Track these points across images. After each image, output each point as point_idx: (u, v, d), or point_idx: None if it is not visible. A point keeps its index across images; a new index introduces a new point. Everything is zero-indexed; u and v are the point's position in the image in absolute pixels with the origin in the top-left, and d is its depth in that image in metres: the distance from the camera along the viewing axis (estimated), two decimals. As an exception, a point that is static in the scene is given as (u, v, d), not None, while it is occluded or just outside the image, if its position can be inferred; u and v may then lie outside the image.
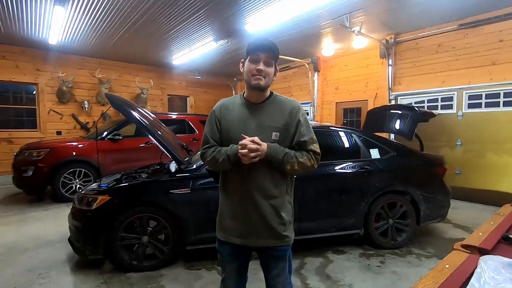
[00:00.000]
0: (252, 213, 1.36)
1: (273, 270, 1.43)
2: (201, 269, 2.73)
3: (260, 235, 1.37)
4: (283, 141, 1.36)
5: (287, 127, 1.37)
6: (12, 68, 6.69)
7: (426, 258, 2.93)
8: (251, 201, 1.35)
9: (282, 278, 1.43)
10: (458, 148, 5.31)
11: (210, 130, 1.44)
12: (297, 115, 1.39)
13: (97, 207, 2.60)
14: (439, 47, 5.51)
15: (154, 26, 5.46)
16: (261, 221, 1.36)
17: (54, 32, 5.68)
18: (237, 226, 1.39)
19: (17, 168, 4.96)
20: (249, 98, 1.42)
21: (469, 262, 1.10)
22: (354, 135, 3.36)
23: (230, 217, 1.41)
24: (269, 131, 1.35)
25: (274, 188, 1.38)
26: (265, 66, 1.33)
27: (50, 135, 7.14)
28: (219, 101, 1.49)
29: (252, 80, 1.33)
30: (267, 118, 1.37)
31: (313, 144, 1.39)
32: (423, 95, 5.81)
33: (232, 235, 1.40)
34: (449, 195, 3.42)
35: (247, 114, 1.39)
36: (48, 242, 3.36)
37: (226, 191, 1.44)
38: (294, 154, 1.34)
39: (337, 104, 7.54)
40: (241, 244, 1.39)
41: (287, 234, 1.41)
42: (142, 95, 8.28)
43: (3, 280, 2.55)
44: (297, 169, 1.34)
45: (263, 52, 1.33)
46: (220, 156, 1.35)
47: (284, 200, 1.41)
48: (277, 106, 1.41)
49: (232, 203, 1.41)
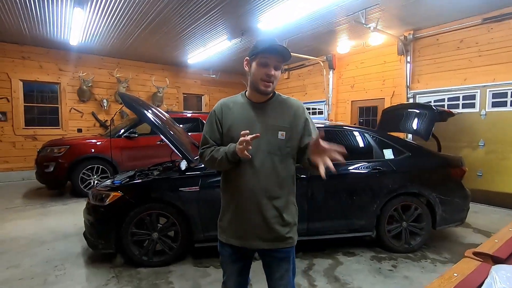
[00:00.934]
0: (254, 214, 1.32)
1: (276, 272, 1.39)
2: (209, 267, 2.75)
3: (262, 237, 1.33)
4: (289, 140, 1.34)
5: (293, 127, 1.35)
6: (36, 68, 7.01)
7: (441, 264, 2.81)
8: (254, 202, 1.32)
9: (285, 280, 1.39)
10: (480, 149, 5.05)
11: (210, 130, 1.41)
12: (304, 114, 1.39)
13: (110, 203, 2.67)
14: (461, 43, 5.26)
15: (169, 25, 5.55)
16: (263, 222, 1.32)
17: (75, 33, 5.90)
18: (238, 228, 1.36)
19: (39, 163, 5.20)
20: (252, 98, 1.39)
21: (480, 271, 1.03)
22: (367, 134, 3.26)
23: (231, 218, 1.38)
24: (275, 131, 1.32)
25: (278, 189, 1.34)
26: (275, 70, 1.29)
27: (71, 133, 7.43)
28: (220, 101, 1.46)
29: (261, 86, 1.30)
30: (272, 117, 1.35)
31: None
32: (443, 93, 5.56)
33: (232, 237, 1.37)
34: (468, 198, 3.26)
35: (251, 113, 1.36)
36: (65, 235, 3.50)
37: (227, 191, 1.41)
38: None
39: (353, 102, 7.37)
40: (242, 246, 1.36)
41: (291, 235, 1.37)
42: (158, 94, 8.44)
43: (23, 270, 2.68)
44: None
45: (275, 56, 1.27)
46: (219, 155, 1.32)
47: (288, 201, 1.38)
48: (281, 106, 1.38)
49: (233, 204, 1.37)
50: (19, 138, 6.87)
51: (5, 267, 2.73)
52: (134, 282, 2.48)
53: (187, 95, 9.69)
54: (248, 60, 1.37)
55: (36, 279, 2.53)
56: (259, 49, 1.28)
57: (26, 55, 6.86)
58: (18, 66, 6.79)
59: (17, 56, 6.77)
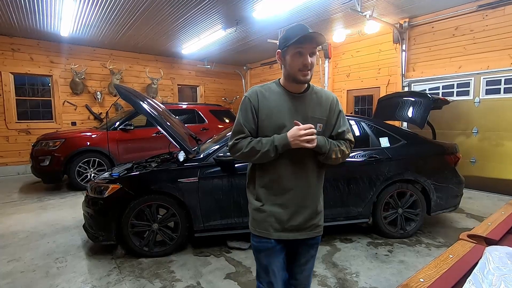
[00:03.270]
0: (296, 206, 1.34)
1: (302, 258, 1.44)
2: (210, 256, 2.80)
3: (300, 227, 1.37)
4: (325, 132, 1.37)
5: (328, 119, 1.38)
6: (27, 60, 6.86)
7: (436, 248, 2.89)
8: (296, 194, 1.33)
9: (309, 265, 1.47)
10: (474, 136, 5.13)
11: (245, 119, 1.31)
12: (338, 107, 1.42)
13: (109, 195, 2.68)
14: (456, 30, 5.26)
15: (162, 15, 5.44)
16: (302, 213, 1.36)
17: (66, 24, 5.76)
18: (280, 220, 1.33)
19: (34, 157, 5.15)
20: (288, 88, 1.35)
21: (474, 252, 1.07)
22: (363, 123, 3.29)
23: (272, 210, 1.33)
24: (313, 123, 1.30)
25: (316, 180, 1.39)
26: (311, 58, 1.27)
27: (66, 126, 7.35)
28: (252, 88, 1.37)
29: (299, 76, 1.28)
30: (310, 109, 1.34)
31: (349, 133, 1.42)
32: (438, 81, 5.60)
33: (274, 230, 1.34)
34: (462, 184, 3.33)
35: (290, 104, 1.32)
36: (65, 228, 3.52)
37: (265, 183, 1.35)
38: (336, 143, 1.36)
39: (348, 91, 7.38)
40: (284, 239, 1.35)
41: (321, 223, 1.45)
42: (153, 85, 8.35)
43: (24, 263, 2.70)
44: (339, 157, 1.35)
45: (309, 44, 1.25)
46: (263, 147, 1.25)
47: (320, 191, 1.45)
48: (318, 98, 1.38)
49: (272, 196, 1.34)
50: (12, 132, 6.77)
51: (6, 261, 2.75)
52: (136, 272, 2.52)
53: (182, 86, 9.60)
54: (280, 53, 1.33)
55: (38, 271, 2.55)
56: (292, 40, 1.23)
57: (16, 47, 6.70)
58: (8, 59, 6.64)
59: (7, 48, 6.61)
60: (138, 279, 2.41)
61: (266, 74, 9.52)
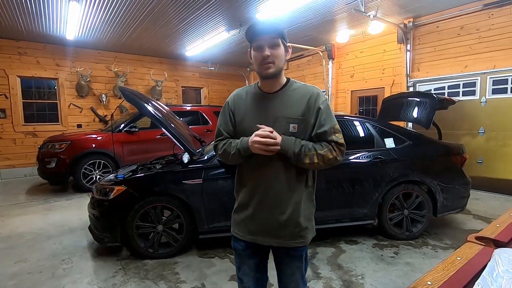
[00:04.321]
0: (264, 211, 1.28)
1: (287, 269, 1.35)
2: (214, 257, 2.80)
3: (275, 234, 1.28)
4: (301, 133, 1.24)
5: (306, 117, 1.23)
6: (33, 64, 6.95)
7: (442, 250, 2.86)
8: (264, 197, 1.27)
9: (296, 276, 1.35)
10: (480, 136, 5.07)
11: (223, 122, 1.35)
12: (317, 102, 1.24)
13: (114, 197, 2.70)
14: (461, 29, 5.21)
15: (166, 17, 5.48)
16: (276, 219, 1.27)
17: (71, 28, 5.82)
18: (250, 223, 1.31)
19: (41, 160, 5.21)
20: (263, 88, 1.31)
21: (483, 255, 1.05)
22: (368, 124, 3.27)
23: (244, 213, 1.33)
24: (286, 124, 1.22)
25: (292, 185, 1.26)
26: (271, 49, 1.19)
27: (71, 128, 7.42)
28: (234, 91, 1.40)
29: (262, 70, 1.22)
30: (283, 108, 1.24)
31: (335, 134, 1.23)
32: (444, 81, 5.55)
33: (246, 232, 1.33)
34: (469, 185, 3.29)
35: (261, 104, 1.28)
36: (71, 230, 3.54)
37: (240, 185, 1.37)
38: (313, 146, 1.21)
39: (352, 92, 7.35)
40: (254, 242, 1.32)
41: (303, 234, 1.29)
42: (157, 87, 8.40)
43: (31, 264, 2.73)
44: (318, 163, 1.20)
45: (265, 34, 1.19)
46: (231, 149, 1.27)
47: (301, 197, 1.29)
48: (294, 95, 1.26)
49: (246, 199, 1.32)
50: (19, 135, 6.86)
51: (13, 262, 2.78)
52: (141, 273, 2.53)
53: (186, 88, 9.64)
54: (249, 52, 1.31)
55: (45, 273, 2.57)
56: (248, 35, 1.23)
57: (22, 51, 6.79)
58: (15, 62, 6.73)
59: (14, 52, 6.70)
60: (143, 280, 2.42)
61: (270, 75, 9.50)
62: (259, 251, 1.37)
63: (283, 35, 1.23)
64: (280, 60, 1.23)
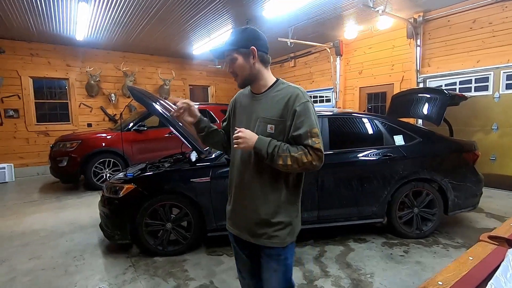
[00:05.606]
0: (244, 208, 1.33)
1: (264, 271, 1.33)
2: (222, 255, 2.81)
3: (250, 230, 1.30)
4: (279, 134, 1.23)
5: (284, 119, 1.21)
6: (45, 64, 7.09)
7: (454, 249, 2.81)
8: (243, 195, 1.33)
9: (272, 282, 1.31)
10: (493, 132, 4.94)
11: (225, 119, 1.53)
12: (294, 104, 1.19)
13: (123, 195, 2.74)
14: (473, 23, 5.08)
15: (173, 17, 5.50)
16: (251, 217, 1.29)
17: (81, 29, 5.91)
18: (234, 217, 1.39)
19: (53, 158, 5.33)
20: (252, 89, 1.36)
21: (496, 255, 1.03)
22: (377, 121, 3.23)
23: (228, 207, 1.44)
24: (264, 124, 1.25)
25: (269, 185, 1.26)
26: (229, 65, 1.30)
27: (82, 127, 7.56)
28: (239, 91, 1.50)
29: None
30: (263, 109, 1.27)
31: (311, 139, 1.17)
32: (455, 77, 5.42)
33: (232, 226, 1.41)
34: (481, 183, 3.22)
35: (249, 105, 1.35)
36: (82, 227, 3.62)
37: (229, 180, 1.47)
38: (288, 147, 1.18)
39: (361, 89, 7.25)
40: (239, 237, 1.37)
41: (279, 234, 1.26)
42: (165, 86, 8.47)
43: (45, 261, 2.80)
44: (291, 165, 1.16)
45: (217, 56, 1.34)
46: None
47: (279, 198, 1.26)
48: (277, 96, 1.26)
49: (228, 194, 1.43)
50: (32, 134, 7.02)
51: (28, 258, 2.85)
52: (151, 271, 2.56)
53: (193, 87, 9.70)
54: None
55: (58, 269, 2.64)
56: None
57: (34, 52, 6.94)
58: (27, 63, 6.88)
59: (26, 53, 6.85)
60: (153, 277, 2.46)
61: (277, 73, 9.48)
62: (248, 243, 1.35)
63: (236, 46, 1.25)
64: (242, 70, 1.26)
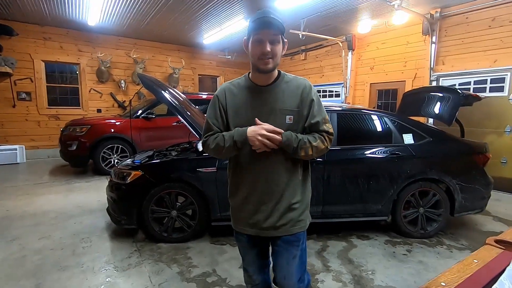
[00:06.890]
0: (266, 202, 1.30)
1: (282, 258, 1.35)
2: (226, 245, 2.86)
3: (275, 225, 1.31)
4: (296, 124, 1.28)
5: (300, 109, 1.28)
6: (57, 49, 7.16)
7: (458, 250, 2.79)
8: (266, 190, 1.29)
9: (291, 268, 1.35)
10: (506, 135, 4.83)
11: (214, 117, 1.32)
12: (310, 94, 1.29)
13: (131, 181, 2.78)
14: (493, 21, 4.91)
15: (185, 4, 5.46)
16: (275, 209, 1.30)
17: (93, 14, 5.93)
18: (252, 216, 1.33)
19: (63, 142, 5.43)
20: (256, 81, 1.30)
21: (502, 259, 1.02)
22: (386, 118, 3.18)
23: (242, 207, 1.36)
24: (282, 115, 1.26)
25: (289, 174, 1.30)
26: (271, 45, 1.19)
27: (91, 113, 7.65)
28: (222, 85, 1.37)
29: (259, 64, 1.22)
30: (278, 101, 1.27)
31: (325, 124, 1.30)
32: (470, 76, 5.28)
33: (247, 226, 1.36)
34: (490, 186, 3.17)
35: (256, 98, 1.29)
36: (90, 211, 3.70)
37: (237, 179, 1.37)
38: (307, 139, 1.25)
39: (372, 85, 7.14)
40: (256, 235, 1.36)
41: (303, 218, 1.35)
42: (174, 75, 8.47)
43: (53, 241, 2.88)
44: (311, 154, 1.26)
45: (267, 29, 1.18)
46: (225, 143, 1.26)
47: (299, 185, 1.34)
48: (288, 87, 1.29)
49: (246, 192, 1.33)
50: (43, 117, 7.15)
51: (37, 238, 2.94)
52: (155, 256, 2.62)
53: (202, 77, 9.68)
54: (245, 41, 1.28)
55: (66, 250, 2.72)
56: (250, 27, 1.22)
57: (47, 36, 7.00)
58: (40, 47, 6.96)
59: (39, 37, 6.92)
60: (157, 263, 2.51)
61: (287, 65, 9.38)
62: (261, 240, 1.40)
63: (283, 32, 1.23)
64: (278, 57, 1.24)
